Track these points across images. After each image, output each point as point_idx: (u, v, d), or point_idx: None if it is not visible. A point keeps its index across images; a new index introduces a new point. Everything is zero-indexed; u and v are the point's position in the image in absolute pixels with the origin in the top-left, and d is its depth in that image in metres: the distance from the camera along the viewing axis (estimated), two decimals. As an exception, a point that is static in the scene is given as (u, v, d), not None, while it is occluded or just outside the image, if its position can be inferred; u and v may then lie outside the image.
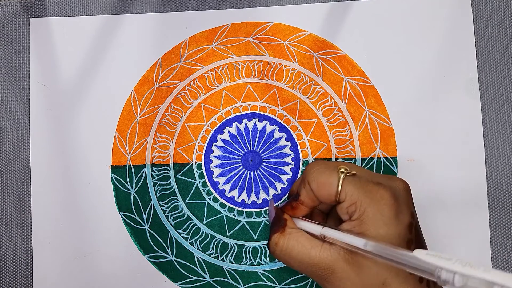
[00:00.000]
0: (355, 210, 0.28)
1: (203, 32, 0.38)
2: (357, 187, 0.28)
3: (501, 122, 0.37)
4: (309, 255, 0.29)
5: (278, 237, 0.31)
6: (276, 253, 0.31)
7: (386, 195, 0.28)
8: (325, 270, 0.28)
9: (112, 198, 0.37)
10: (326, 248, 0.29)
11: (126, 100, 0.38)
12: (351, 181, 0.29)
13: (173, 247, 0.37)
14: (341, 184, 0.29)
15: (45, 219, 0.37)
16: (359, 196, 0.28)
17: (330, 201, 0.29)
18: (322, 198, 0.30)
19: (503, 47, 0.37)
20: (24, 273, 0.37)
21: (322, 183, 0.29)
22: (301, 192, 0.31)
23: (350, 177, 0.29)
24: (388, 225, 0.27)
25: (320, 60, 0.38)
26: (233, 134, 0.38)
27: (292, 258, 0.30)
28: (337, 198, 0.29)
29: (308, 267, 0.29)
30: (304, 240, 0.30)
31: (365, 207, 0.28)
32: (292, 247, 0.30)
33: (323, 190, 0.29)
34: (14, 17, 0.39)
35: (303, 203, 0.31)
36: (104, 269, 0.37)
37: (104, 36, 0.39)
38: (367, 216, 0.28)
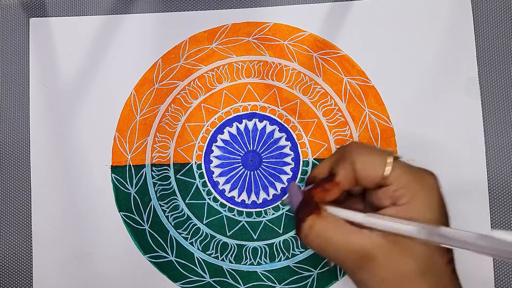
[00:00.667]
0: (404, 195, 0.27)
1: (203, 32, 0.38)
2: (407, 171, 0.27)
3: (501, 121, 0.37)
4: (348, 241, 0.27)
5: (314, 219, 0.28)
6: (309, 237, 0.28)
7: (435, 183, 0.27)
8: (365, 257, 0.27)
9: (112, 198, 0.37)
10: (367, 233, 0.27)
11: (126, 100, 0.38)
12: (401, 165, 0.27)
13: (173, 247, 0.37)
14: (390, 165, 0.27)
15: (45, 219, 0.37)
16: (409, 181, 0.27)
17: (372, 183, 0.28)
18: (365, 179, 0.28)
19: (503, 47, 0.37)
20: (24, 273, 0.37)
21: (370, 163, 0.27)
22: (339, 172, 0.28)
23: (400, 161, 0.28)
24: (432, 213, 0.27)
25: (320, 60, 0.38)
26: (233, 134, 0.38)
27: (329, 244, 0.27)
28: (382, 181, 0.27)
29: (346, 254, 0.27)
30: (342, 224, 0.27)
31: (416, 191, 0.27)
32: (331, 231, 0.27)
33: (370, 170, 0.27)
34: (14, 17, 0.39)
35: (338, 185, 0.28)
36: (104, 269, 0.37)
37: (104, 36, 0.39)
38: (417, 201, 0.27)
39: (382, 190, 0.28)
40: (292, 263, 0.36)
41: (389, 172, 0.27)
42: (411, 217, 0.26)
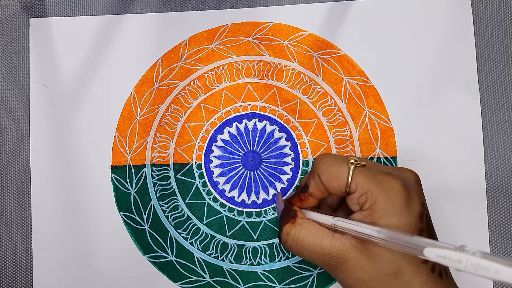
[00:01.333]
0: (366, 200, 0.28)
1: (203, 32, 0.38)
2: (367, 177, 0.29)
3: (500, 122, 0.37)
4: (321, 245, 0.29)
5: (289, 227, 0.31)
6: (287, 243, 0.31)
7: (396, 185, 0.28)
8: (337, 259, 0.29)
9: (112, 198, 0.37)
10: (338, 237, 0.29)
11: (126, 100, 0.38)
12: (361, 172, 0.29)
13: (173, 247, 0.37)
14: (351, 175, 0.29)
15: (45, 219, 0.37)
16: (370, 186, 0.28)
17: (340, 192, 0.30)
18: (332, 189, 0.30)
19: (503, 47, 0.37)
20: (24, 273, 0.37)
21: (332, 175, 0.29)
22: (310, 184, 0.31)
23: (360, 168, 0.29)
24: (399, 214, 0.28)
25: (320, 60, 0.38)
26: (233, 134, 0.38)
27: (304, 248, 0.30)
28: (347, 189, 0.29)
29: (320, 257, 0.29)
30: (315, 229, 0.30)
31: (375, 196, 0.28)
32: (304, 237, 0.30)
33: (333, 182, 0.29)
34: (14, 17, 0.39)
35: (311, 195, 0.31)
36: (104, 269, 0.37)
37: (104, 36, 0.39)
38: (378, 205, 0.28)
39: (349, 197, 0.29)
40: (292, 263, 0.36)
41: (349, 181, 0.29)
42: (375, 221, 0.28)
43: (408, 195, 0.28)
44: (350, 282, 0.29)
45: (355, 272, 0.28)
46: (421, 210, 0.29)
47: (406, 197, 0.28)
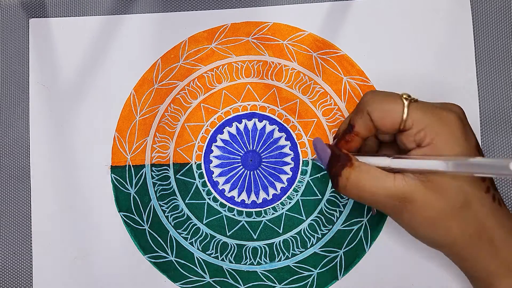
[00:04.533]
0: (425, 136, 0.27)
1: (203, 32, 0.38)
2: (424, 112, 0.28)
3: (499, 122, 0.37)
4: (384, 186, 0.28)
5: (348, 171, 0.29)
6: (347, 188, 0.29)
7: (453, 118, 0.28)
8: (403, 199, 0.28)
9: (112, 198, 0.37)
10: (400, 177, 0.28)
11: (125, 100, 0.38)
12: (417, 107, 0.28)
13: (173, 247, 0.37)
14: (406, 110, 0.28)
15: (45, 219, 0.37)
16: (428, 122, 0.27)
17: (392, 130, 0.28)
18: (383, 127, 0.29)
19: (502, 47, 0.37)
20: (24, 273, 0.37)
21: (386, 111, 0.28)
22: (357, 123, 0.30)
23: (415, 103, 0.28)
24: (461, 146, 0.27)
25: (319, 59, 0.38)
26: (232, 134, 0.38)
27: (366, 191, 0.28)
28: (401, 126, 0.28)
29: (383, 199, 0.28)
30: (376, 171, 0.28)
31: (436, 131, 0.27)
32: (365, 180, 0.28)
33: (387, 119, 0.28)
34: (14, 17, 0.39)
35: (358, 135, 0.30)
36: (104, 269, 0.37)
37: (103, 36, 0.39)
38: (440, 139, 0.27)
39: (404, 134, 0.28)
40: (292, 263, 0.36)
41: (405, 117, 0.28)
42: (438, 155, 0.27)
43: (464, 127, 0.28)
44: (416, 223, 0.28)
45: (423, 211, 0.28)
46: (476, 142, 0.29)
47: (463, 129, 0.28)
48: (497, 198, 0.29)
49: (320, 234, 0.37)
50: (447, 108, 0.29)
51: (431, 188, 0.27)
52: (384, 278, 0.36)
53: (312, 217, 0.37)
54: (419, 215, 0.28)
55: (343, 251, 0.36)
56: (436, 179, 0.27)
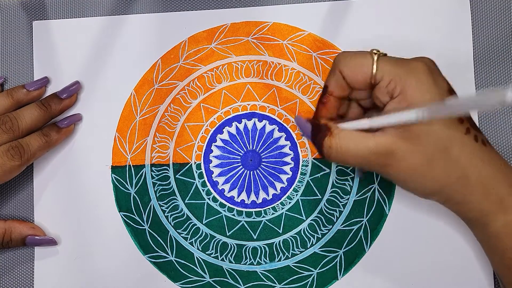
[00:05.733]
0: (396, 86, 0.28)
1: (202, 32, 0.38)
2: (392, 64, 0.29)
3: (498, 122, 0.37)
4: (365, 146, 0.29)
5: (329, 140, 0.30)
6: (332, 155, 0.30)
7: (419, 65, 0.29)
8: (385, 155, 0.29)
9: (112, 198, 0.38)
10: (379, 134, 0.29)
11: (126, 100, 0.38)
12: (386, 60, 0.29)
13: (173, 247, 0.37)
14: (375, 63, 0.29)
15: (46, 219, 0.38)
16: (397, 71, 0.29)
17: (364, 84, 0.30)
18: (356, 82, 0.30)
19: (501, 48, 0.37)
20: (25, 273, 0.37)
21: (357, 65, 0.29)
22: (330, 83, 0.31)
23: (383, 56, 0.30)
24: (430, 92, 0.28)
25: (319, 59, 0.38)
26: (232, 133, 0.38)
27: (350, 155, 0.29)
28: (372, 79, 0.29)
29: (367, 158, 0.29)
30: (355, 135, 0.30)
31: (405, 79, 0.28)
32: (347, 144, 0.29)
33: (358, 73, 0.29)
34: (16, 19, 0.39)
35: (333, 94, 0.31)
36: (104, 269, 0.37)
37: (104, 37, 0.39)
38: (409, 87, 0.28)
39: (376, 88, 0.29)
40: (292, 263, 0.36)
41: (375, 70, 0.29)
42: (410, 104, 0.28)
43: (433, 73, 0.29)
44: (401, 175, 0.29)
45: (405, 161, 0.28)
46: (448, 86, 0.29)
47: (432, 75, 0.29)
48: (480, 138, 0.29)
49: (320, 234, 0.36)
50: (415, 59, 0.30)
51: (409, 139, 0.28)
52: (384, 278, 0.36)
53: (312, 217, 0.37)
54: (403, 166, 0.29)
55: (343, 251, 0.36)
56: (413, 129, 0.28)
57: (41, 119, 0.36)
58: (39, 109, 0.36)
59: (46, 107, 0.36)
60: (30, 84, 0.37)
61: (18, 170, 0.34)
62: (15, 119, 0.35)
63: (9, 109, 0.36)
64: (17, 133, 0.35)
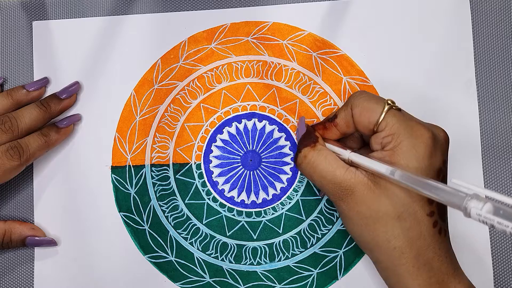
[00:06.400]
0: (391, 141, 0.29)
1: (202, 32, 0.38)
2: (399, 120, 0.29)
3: (498, 122, 0.37)
4: (333, 173, 0.30)
5: (308, 150, 0.31)
6: (302, 165, 0.31)
7: (425, 134, 0.29)
8: (345, 190, 0.29)
9: (112, 198, 0.38)
10: (352, 171, 0.30)
11: (126, 100, 0.38)
12: (395, 114, 0.29)
13: (173, 247, 0.37)
14: (384, 113, 0.29)
15: (46, 219, 0.38)
16: (399, 129, 0.29)
17: (367, 129, 0.30)
18: (360, 124, 0.30)
19: (501, 48, 0.37)
20: (25, 273, 0.37)
21: (366, 109, 0.30)
22: (340, 115, 0.32)
23: (395, 110, 0.30)
24: (419, 162, 0.28)
25: (319, 59, 0.38)
26: (232, 134, 0.38)
27: (316, 173, 0.30)
28: (375, 127, 0.29)
29: (329, 184, 0.30)
30: (332, 158, 0.30)
31: (401, 139, 0.28)
32: (319, 163, 0.30)
33: (365, 116, 0.30)
34: (16, 19, 0.39)
35: (337, 126, 0.32)
36: (104, 269, 0.37)
37: (104, 37, 0.39)
38: (401, 148, 0.28)
39: (375, 135, 0.30)
40: (292, 263, 0.36)
41: (381, 119, 0.29)
42: (394, 163, 0.28)
43: (433, 148, 0.29)
44: (350, 214, 0.30)
45: (359, 206, 0.29)
46: (441, 167, 0.29)
47: (431, 149, 0.28)
48: (440, 226, 0.29)
49: (320, 234, 0.36)
50: (428, 126, 0.30)
51: (373, 191, 0.29)
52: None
53: (312, 217, 0.37)
54: (354, 208, 0.29)
55: (343, 251, 0.36)
56: (384, 183, 0.29)
57: (41, 119, 0.36)
58: (39, 109, 0.36)
59: (45, 107, 0.36)
60: (30, 84, 0.37)
61: (17, 170, 0.34)
62: (15, 119, 0.35)
63: (8, 109, 0.36)
64: (16, 133, 0.35)
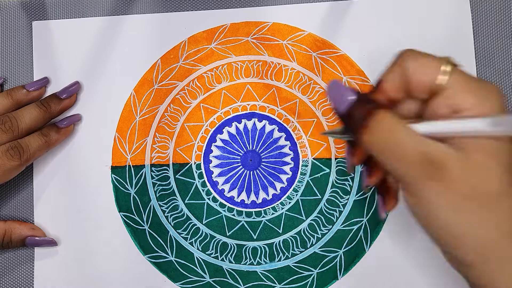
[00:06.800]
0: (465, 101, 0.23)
1: (202, 32, 0.38)
2: (468, 77, 0.23)
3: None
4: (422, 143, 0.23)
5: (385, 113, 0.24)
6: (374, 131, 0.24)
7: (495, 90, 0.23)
8: (437, 166, 0.22)
9: (112, 198, 0.38)
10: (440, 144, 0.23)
11: (126, 100, 0.38)
12: (460, 71, 0.24)
13: (173, 247, 0.37)
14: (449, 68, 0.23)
15: (46, 219, 0.38)
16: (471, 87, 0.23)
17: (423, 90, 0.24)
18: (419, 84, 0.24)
19: (502, 48, 0.37)
20: (25, 273, 0.37)
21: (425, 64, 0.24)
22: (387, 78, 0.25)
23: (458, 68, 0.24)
24: None
25: (319, 59, 0.38)
26: (232, 134, 0.38)
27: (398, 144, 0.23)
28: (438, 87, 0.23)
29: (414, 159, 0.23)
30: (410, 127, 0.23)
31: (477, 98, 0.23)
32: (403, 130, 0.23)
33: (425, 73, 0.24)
34: (15, 19, 0.39)
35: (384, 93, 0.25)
36: (104, 269, 0.37)
37: (104, 37, 0.39)
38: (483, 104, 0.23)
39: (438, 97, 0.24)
40: (292, 263, 0.36)
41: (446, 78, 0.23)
42: None
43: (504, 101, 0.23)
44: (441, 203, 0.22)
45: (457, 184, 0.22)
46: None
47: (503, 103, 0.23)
48: None
49: (320, 234, 0.36)
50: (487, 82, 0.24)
51: (473, 164, 0.22)
52: (384, 278, 0.36)
53: (312, 217, 0.37)
54: (450, 190, 0.22)
55: (343, 251, 0.36)
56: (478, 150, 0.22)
57: (41, 119, 0.36)
58: (39, 109, 0.36)
59: (45, 107, 0.36)
60: (30, 84, 0.37)
61: (17, 170, 0.34)
62: (15, 119, 0.35)
63: (8, 109, 0.36)
64: (16, 133, 0.35)
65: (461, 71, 0.24)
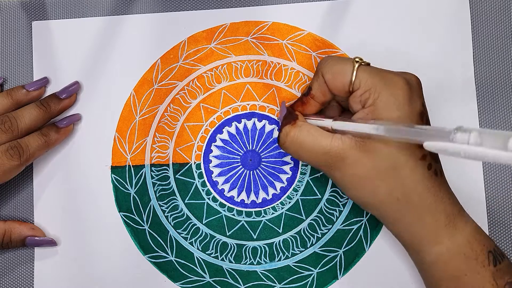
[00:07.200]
0: (369, 97, 0.29)
1: (202, 32, 0.38)
2: (371, 74, 0.29)
3: (498, 122, 0.37)
4: (320, 144, 0.30)
5: (289, 128, 0.31)
6: (286, 144, 0.31)
7: (399, 81, 0.29)
8: (336, 157, 0.29)
9: (112, 198, 0.38)
10: (337, 137, 0.30)
11: (126, 100, 0.38)
12: (365, 69, 0.29)
13: (173, 247, 0.37)
14: (355, 71, 0.29)
15: (45, 219, 0.38)
16: (374, 82, 0.29)
17: (343, 92, 0.30)
18: (335, 89, 0.30)
19: (501, 48, 0.37)
20: (25, 273, 0.37)
21: (336, 72, 0.30)
22: (313, 86, 0.32)
23: (365, 66, 0.30)
24: (400, 110, 0.28)
25: (319, 59, 0.38)
26: (232, 133, 0.38)
27: (302, 148, 0.31)
28: (350, 87, 0.30)
29: (318, 156, 0.30)
30: (314, 131, 0.31)
31: (379, 91, 0.29)
32: (303, 137, 0.30)
33: (337, 80, 0.30)
34: (15, 19, 0.39)
35: (314, 97, 0.32)
36: (104, 269, 0.37)
37: (103, 37, 0.39)
38: (380, 100, 0.28)
39: (352, 95, 0.30)
40: (292, 263, 0.36)
41: (354, 78, 0.29)
42: (377, 117, 0.28)
43: (410, 92, 0.29)
44: (346, 180, 0.30)
45: (353, 168, 0.29)
46: (422, 109, 0.29)
47: (408, 93, 0.29)
48: (434, 167, 0.29)
49: (320, 233, 0.36)
50: (398, 73, 0.30)
51: (363, 148, 0.29)
52: (384, 278, 0.36)
53: (311, 217, 0.37)
54: (348, 172, 0.29)
55: (343, 251, 0.36)
56: (370, 141, 0.29)
57: (41, 119, 0.36)
58: (39, 109, 0.36)
59: (45, 107, 0.36)
60: (29, 84, 0.37)
61: (17, 170, 0.34)
62: (15, 119, 0.35)
63: (8, 109, 0.36)
64: (16, 133, 0.35)
65: (367, 69, 0.29)
